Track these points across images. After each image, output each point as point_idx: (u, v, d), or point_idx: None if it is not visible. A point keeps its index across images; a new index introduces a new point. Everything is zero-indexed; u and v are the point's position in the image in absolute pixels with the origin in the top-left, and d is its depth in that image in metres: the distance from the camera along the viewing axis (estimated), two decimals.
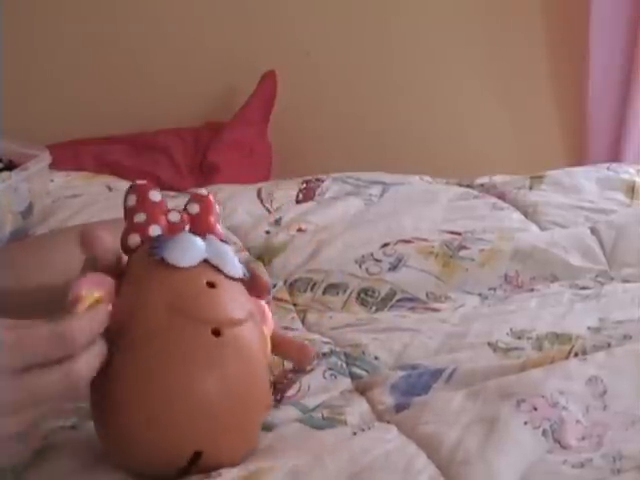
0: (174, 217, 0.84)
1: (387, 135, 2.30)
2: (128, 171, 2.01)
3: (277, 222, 1.50)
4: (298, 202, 1.59)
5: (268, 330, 0.87)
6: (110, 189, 1.82)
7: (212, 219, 0.86)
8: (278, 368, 0.97)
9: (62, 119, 2.24)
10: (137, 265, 0.80)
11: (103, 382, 0.74)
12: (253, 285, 0.85)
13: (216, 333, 0.76)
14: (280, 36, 2.27)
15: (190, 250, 0.80)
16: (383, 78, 2.30)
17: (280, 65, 2.20)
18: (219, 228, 0.86)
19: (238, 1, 2.28)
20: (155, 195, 0.85)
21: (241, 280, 0.83)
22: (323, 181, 1.66)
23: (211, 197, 0.88)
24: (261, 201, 1.61)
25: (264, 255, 1.39)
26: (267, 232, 1.47)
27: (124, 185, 1.86)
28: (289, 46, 2.27)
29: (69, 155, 2.00)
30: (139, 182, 0.87)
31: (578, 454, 0.79)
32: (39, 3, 2.26)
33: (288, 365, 0.97)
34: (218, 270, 0.80)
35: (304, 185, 1.65)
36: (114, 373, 0.75)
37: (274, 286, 1.26)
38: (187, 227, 0.84)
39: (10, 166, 1.51)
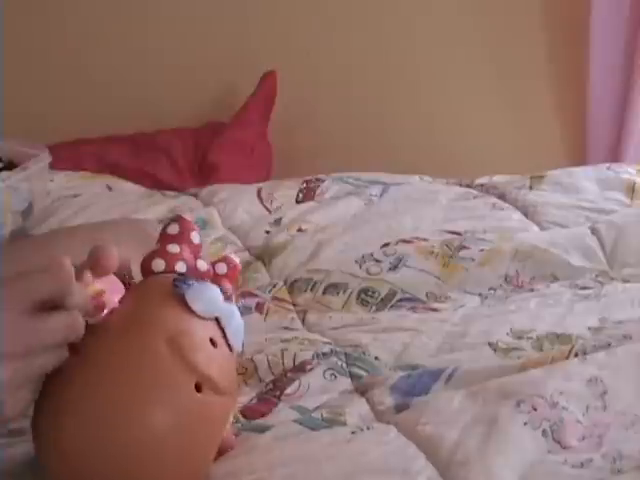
0: (202, 266, 0.83)
1: (387, 135, 2.30)
2: (128, 171, 2.00)
3: (277, 222, 1.50)
4: (298, 202, 1.59)
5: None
6: (110, 189, 1.82)
7: (233, 287, 0.84)
8: (278, 367, 0.97)
9: (62, 119, 2.24)
10: (154, 286, 0.80)
11: (60, 380, 0.73)
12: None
13: (197, 388, 0.75)
14: (280, 36, 2.27)
15: (212, 303, 0.79)
16: (383, 78, 2.30)
17: (280, 65, 2.20)
18: (232, 293, 0.84)
19: (238, 1, 2.28)
20: (195, 237, 0.84)
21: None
22: (323, 181, 1.66)
23: (238, 265, 0.86)
24: (261, 201, 1.61)
25: (264, 255, 1.39)
26: (267, 232, 1.47)
27: (124, 185, 1.87)
28: (289, 46, 2.27)
29: (69, 155, 1.99)
30: (187, 217, 0.86)
31: (578, 454, 0.79)
32: (39, 3, 2.26)
33: (288, 364, 0.97)
34: (223, 333, 0.79)
35: (304, 185, 1.65)
36: (77, 374, 0.73)
37: (274, 286, 1.27)
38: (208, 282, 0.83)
39: (10, 166, 1.51)
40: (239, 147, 2.17)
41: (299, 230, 1.46)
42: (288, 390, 0.93)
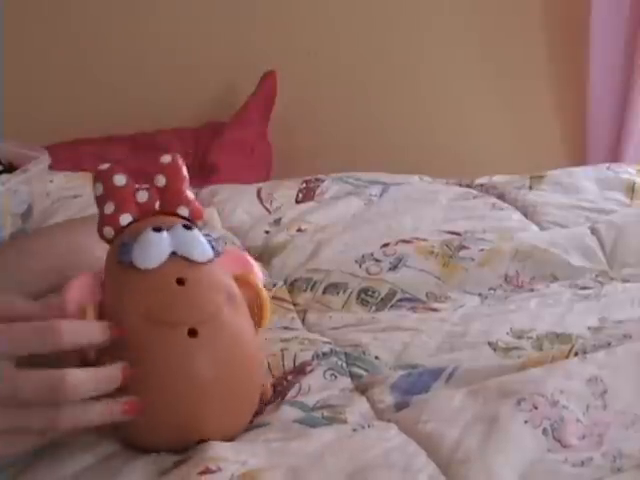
0: (142, 197, 0.87)
1: (387, 135, 2.31)
2: (128, 171, 2.00)
3: (277, 222, 1.50)
4: (298, 202, 1.59)
5: (257, 279, 0.89)
6: None
7: (181, 188, 0.87)
8: (278, 370, 0.97)
9: (62, 119, 2.24)
10: (111, 271, 0.84)
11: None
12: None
13: (192, 333, 0.78)
14: (280, 36, 2.27)
15: (155, 249, 0.82)
16: (383, 78, 2.30)
17: (280, 65, 2.21)
18: (189, 195, 0.88)
19: (238, 1, 2.28)
20: (120, 179, 0.88)
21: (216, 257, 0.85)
22: (323, 181, 1.66)
23: (178, 161, 0.90)
24: (261, 201, 1.61)
25: (264, 255, 1.39)
26: (267, 232, 1.47)
27: None
28: (289, 46, 2.27)
29: (69, 155, 1.99)
30: (102, 167, 0.91)
31: (578, 453, 0.79)
32: (39, 3, 2.26)
33: (288, 365, 0.97)
34: (187, 260, 0.82)
35: (304, 185, 1.65)
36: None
37: (274, 285, 1.27)
38: (157, 203, 0.87)
39: (10, 168, 1.51)
40: (239, 147, 2.17)
41: (299, 230, 1.46)
42: (288, 396, 0.94)
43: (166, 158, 0.91)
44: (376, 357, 1.00)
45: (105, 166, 0.91)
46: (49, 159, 1.57)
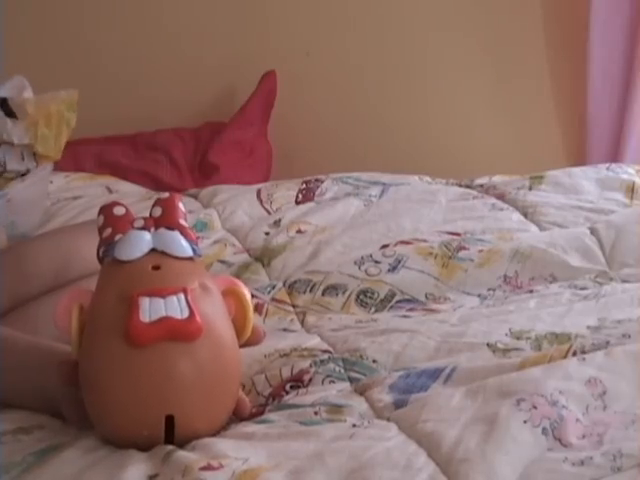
0: (139, 224, 0.92)
1: (387, 135, 2.30)
2: (128, 171, 2.01)
3: (276, 223, 1.50)
4: (298, 203, 1.59)
5: (243, 290, 0.94)
6: (110, 190, 1.82)
7: (175, 217, 0.93)
8: (276, 379, 0.97)
9: None
10: (101, 272, 0.91)
11: (83, 367, 0.86)
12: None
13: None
14: (280, 36, 2.27)
15: (136, 243, 0.89)
16: (383, 78, 2.30)
17: (280, 65, 2.20)
18: (183, 223, 0.93)
19: (238, 1, 2.28)
20: (119, 210, 0.94)
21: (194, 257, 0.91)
22: (323, 181, 1.66)
23: (175, 199, 0.95)
24: (261, 202, 1.61)
25: (263, 256, 1.39)
26: (266, 233, 1.47)
27: (124, 186, 1.87)
28: (289, 46, 2.27)
29: (69, 155, 1.99)
30: (105, 203, 0.96)
31: (578, 452, 0.79)
32: (40, 3, 2.26)
33: (285, 374, 0.97)
34: (166, 255, 0.89)
35: (304, 186, 1.65)
36: (87, 357, 0.85)
37: (273, 287, 1.27)
38: (152, 229, 0.92)
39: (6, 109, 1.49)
40: (239, 147, 2.16)
41: (298, 231, 1.46)
42: (288, 396, 0.94)
43: (166, 194, 0.97)
44: (374, 360, 1.00)
45: (108, 202, 0.96)
46: (51, 166, 1.57)
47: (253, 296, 1.22)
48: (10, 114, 1.46)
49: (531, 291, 1.21)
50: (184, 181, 2.03)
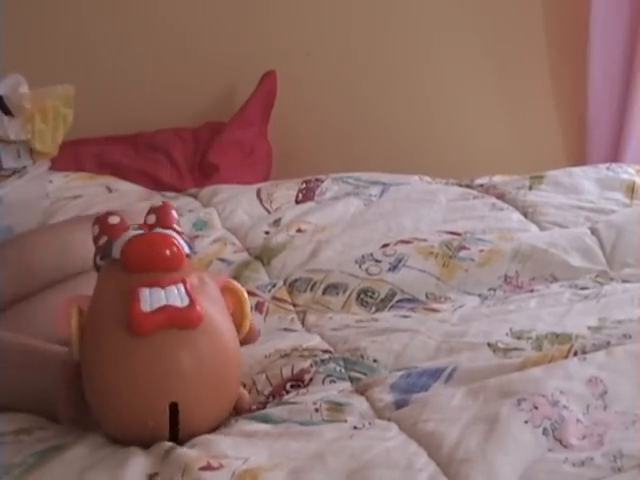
0: (134, 229, 0.94)
1: (387, 135, 2.30)
2: (128, 171, 2.00)
3: (276, 222, 1.50)
4: (298, 202, 1.59)
5: (240, 287, 0.96)
6: (110, 190, 1.82)
7: (169, 223, 0.95)
8: (276, 379, 0.97)
9: None
10: (99, 276, 0.93)
11: (86, 362, 0.87)
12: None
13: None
14: (280, 36, 2.27)
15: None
16: (383, 78, 2.30)
17: (280, 65, 2.20)
18: (177, 228, 0.95)
19: (239, 1, 2.28)
20: (114, 219, 0.96)
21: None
22: (323, 181, 1.66)
23: (168, 206, 0.98)
24: (260, 201, 1.61)
25: (263, 255, 1.39)
26: (266, 232, 1.47)
27: (124, 186, 1.87)
28: (289, 46, 2.27)
29: (69, 155, 1.99)
30: (99, 214, 0.98)
31: (579, 453, 0.79)
32: (40, 3, 2.26)
33: (286, 374, 0.97)
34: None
35: (304, 185, 1.65)
36: (90, 351, 0.87)
37: (274, 285, 1.27)
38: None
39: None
40: (239, 147, 2.16)
41: (298, 230, 1.46)
42: (288, 396, 0.94)
43: (156, 203, 0.99)
44: (374, 360, 1.00)
45: (103, 213, 0.99)
46: (48, 163, 1.56)
47: (253, 294, 1.22)
48: (6, 112, 1.46)
49: (532, 291, 1.21)
50: (184, 181, 2.03)
